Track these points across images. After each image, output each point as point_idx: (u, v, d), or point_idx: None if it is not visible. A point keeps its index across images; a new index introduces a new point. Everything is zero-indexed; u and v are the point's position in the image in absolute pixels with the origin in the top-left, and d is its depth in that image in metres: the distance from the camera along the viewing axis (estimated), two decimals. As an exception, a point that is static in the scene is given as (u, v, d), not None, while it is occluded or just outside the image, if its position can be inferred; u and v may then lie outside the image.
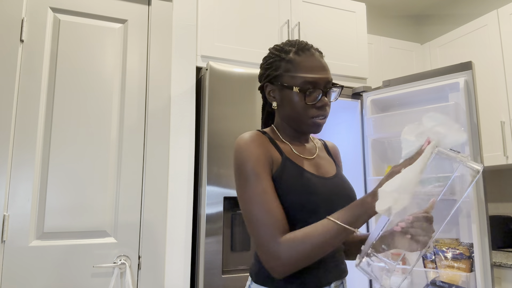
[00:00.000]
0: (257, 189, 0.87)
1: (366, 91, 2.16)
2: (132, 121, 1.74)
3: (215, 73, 1.79)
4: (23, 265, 1.50)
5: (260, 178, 0.88)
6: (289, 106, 0.97)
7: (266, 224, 0.84)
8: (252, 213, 0.86)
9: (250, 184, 0.88)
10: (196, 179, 1.86)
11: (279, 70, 0.98)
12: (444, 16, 3.33)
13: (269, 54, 1.03)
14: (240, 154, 0.91)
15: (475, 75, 1.99)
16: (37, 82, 1.61)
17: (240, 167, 0.90)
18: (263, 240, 0.84)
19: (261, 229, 0.85)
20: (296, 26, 2.19)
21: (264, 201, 0.86)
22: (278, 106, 1.01)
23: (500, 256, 2.23)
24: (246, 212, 0.88)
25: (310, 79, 0.95)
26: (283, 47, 1.00)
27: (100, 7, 1.76)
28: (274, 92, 1.01)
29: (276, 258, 0.83)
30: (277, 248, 0.83)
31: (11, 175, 1.53)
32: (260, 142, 0.93)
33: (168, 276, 1.69)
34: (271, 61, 1.01)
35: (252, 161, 0.89)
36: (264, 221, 0.85)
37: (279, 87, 0.98)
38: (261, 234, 0.85)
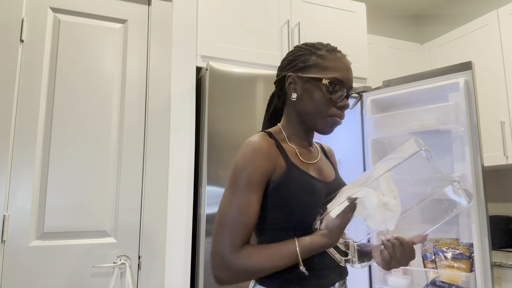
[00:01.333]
0: (243, 197, 0.86)
1: (366, 91, 2.16)
2: (132, 121, 1.74)
3: (215, 73, 1.79)
4: (23, 265, 1.50)
5: (250, 189, 0.87)
6: (311, 99, 0.96)
7: (233, 231, 0.84)
8: (226, 216, 0.86)
9: (238, 190, 0.87)
10: (196, 179, 1.86)
11: (308, 62, 0.97)
12: (444, 16, 3.33)
13: (297, 48, 1.01)
14: (241, 158, 0.90)
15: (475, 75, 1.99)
16: (37, 82, 1.61)
17: (236, 171, 0.89)
18: (222, 246, 0.84)
19: (226, 234, 0.84)
20: (296, 26, 2.19)
21: (243, 210, 0.86)
22: (297, 99, 0.99)
23: (500, 256, 2.23)
24: (221, 212, 0.87)
25: (340, 76, 0.95)
26: (315, 44, 1.00)
27: (100, 7, 1.76)
28: (296, 83, 0.98)
29: (225, 267, 0.83)
30: (231, 258, 0.83)
31: (11, 175, 1.53)
32: (265, 151, 0.90)
33: (168, 276, 1.69)
34: (299, 54, 0.99)
35: (249, 170, 0.88)
36: (233, 228, 0.85)
37: (304, 78, 0.97)
38: (223, 238, 0.84)
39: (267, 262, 0.83)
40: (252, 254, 0.84)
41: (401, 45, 3.05)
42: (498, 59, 2.46)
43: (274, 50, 2.12)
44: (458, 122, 1.82)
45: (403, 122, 2.00)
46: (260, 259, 0.83)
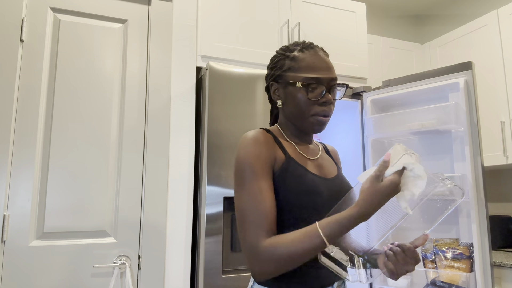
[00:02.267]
0: (252, 187, 0.86)
1: (366, 91, 2.16)
2: (132, 121, 1.74)
3: (215, 73, 1.79)
4: (23, 265, 1.50)
5: (257, 177, 0.87)
6: (292, 103, 0.98)
7: (254, 224, 0.84)
8: (243, 211, 0.86)
9: (246, 182, 0.87)
10: (196, 179, 1.86)
11: (284, 68, 0.99)
12: (444, 16, 3.33)
13: (276, 54, 1.05)
14: (241, 151, 0.90)
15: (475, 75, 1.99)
16: (37, 82, 1.61)
17: (239, 165, 0.89)
18: (248, 241, 0.84)
19: (248, 229, 0.84)
20: (296, 26, 2.19)
21: (257, 201, 0.85)
22: (282, 105, 1.01)
23: (500, 256, 2.23)
24: (238, 209, 0.87)
25: (313, 74, 0.96)
26: (289, 46, 1.02)
27: (100, 7, 1.76)
28: (279, 90, 1.01)
29: (257, 261, 0.83)
30: (259, 251, 0.82)
31: (11, 175, 1.53)
32: (263, 141, 0.91)
33: (168, 276, 1.69)
34: (277, 61, 1.02)
35: (251, 160, 0.88)
36: (252, 221, 0.84)
37: (283, 84, 0.99)
38: (247, 234, 0.84)
39: (293, 247, 0.80)
40: (277, 242, 0.82)
41: (401, 45, 3.05)
42: (498, 59, 2.46)
43: (274, 50, 2.12)
44: (458, 122, 1.82)
45: (403, 122, 2.00)
46: (285, 245, 0.81)
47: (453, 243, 1.79)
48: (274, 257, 0.81)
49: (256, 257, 0.83)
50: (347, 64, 2.31)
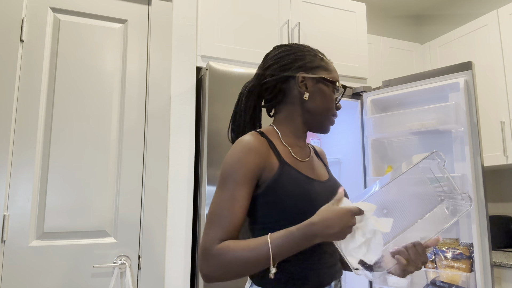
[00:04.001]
0: (228, 193, 0.87)
1: (366, 91, 2.16)
2: (132, 121, 1.74)
3: (215, 73, 1.79)
4: (23, 265, 1.50)
5: (236, 185, 0.87)
6: (321, 98, 1.00)
7: (216, 226, 0.84)
8: (211, 213, 0.87)
9: (224, 187, 0.88)
10: (196, 179, 1.86)
11: (315, 63, 1.00)
12: (444, 16, 3.33)
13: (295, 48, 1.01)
14: (230, 156, 0.90)
15: (475, 75, 1.99)
16: (37, 82, 1.61)
17: (224, 168, 0.90)
18: (204, 241, 0.84)
19: (209, 230, 0.85)
20: (296, 26, 2.19)
21: (227, 206, 0.86)
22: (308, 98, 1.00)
23: (500, 256, 2.23)
24: (211, 205, 0.88)
25: (338, 78, 1.03)
26: (308, 46, 1.04)
27: (100, 7, 1.76)
28: (307, 83, 1.00)
29: (206, 262, 0.83)
30: (210, 253, 0.83)
31: (11, 175, 1.53)
32: (255, 149, 0.90)
33: (168, 276, 1.69)
34: (302, 55, 1.00)
35: (236, 166, 0.88)
36: (216, 223, 0.85)
37: (316, 79, 1.00)
38: (206, 234, 0.85)
39: (240, 254, 0.81)
40: (228, 247, 0.82)
41: (401, 45, 3.05)
42: (498, 59, 2.46)
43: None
44: (458, 122, 1.82)
45: (403, 122, 2.00)
46: (234, 251, 0.81)
47: (453, 243, 1.79)
48: (222, 261, 0.82)
49: (206, 258, 0.83)
50: (347, 64, 2.31)
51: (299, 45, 1.03)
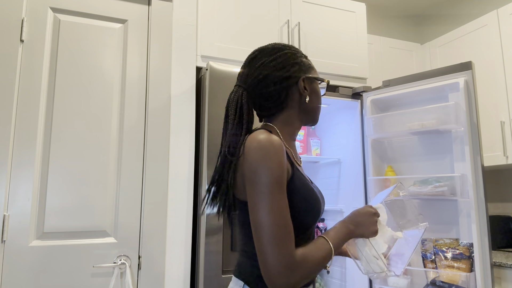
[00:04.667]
0: (279, 202, 0.84)
1: (366, 91, 2.16)
2: (132, 121, 1.74)
3: (215, 73, 1.79)
4: (23, 265, 1.50)
5: (282, 191, 0.85)
6: (316, 97, 1.06)
7: (285, 237, 0.82)
8: (273, 224, 0.82)
9: (272, 194, 0.83)
10: (196, 179, 1.86)
11: (307, 66, 1.04)
12: (444, 16, 3.33)
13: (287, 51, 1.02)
14: (266, 157, 0.85)
15: (475, 75, 1.99)
16: (37, 82, 1.61)
17: (266, 171, 0.84)
18: (283, 254, 0.81)
19: (282, 243, 0.82)
20: (296, 26, 2.19)
21: (284, 216, 0.83)
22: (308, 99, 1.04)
23: (500, 256, 2.23)
24: (264, 220, 0.82)
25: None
26: (294, 47, 1.05)
27: (100, 7, 1.76)
28: (306, 86, 1.03)
29: (293, 272, 0.82)
30: (296, 262, 0.82)
31: (11, 175, 1.53)
32: (283, 148, 0.87)
33: (168, 276, 1.69)
34: (296, 58, 1.02)
35: (278, 171, 0.84)
36: (283, 234, 0.82)
37: (311, 79, 1.04)
38: (281, 248, 0.81)
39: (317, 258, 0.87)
40: (305, 254, 0.85)
41: (401, 45, 3.05)
42: (498, 59, 2.46)
43: (274, 50, 2.12)
44: (458, 122, 1.82)
45: (403, 122, 2.00)
46: (312, 256, 0.86)
47: (453, 243, 1.79)
48: (307, 267, 0.84)
49: (292, 271, 0.81)
50: (347, 64, 2.31)
51: (287, 47, 1.02)
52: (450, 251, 1.78)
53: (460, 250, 1.76)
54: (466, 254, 1.74)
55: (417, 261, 1.97)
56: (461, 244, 1.77)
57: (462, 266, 1.74)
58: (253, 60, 1.00)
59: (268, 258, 0.81)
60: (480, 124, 2.37)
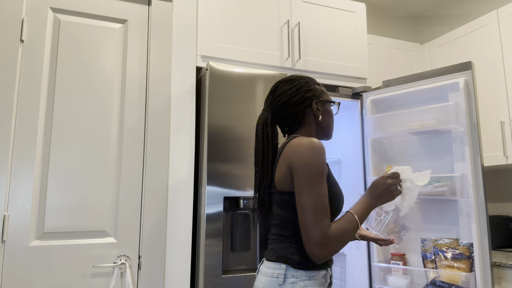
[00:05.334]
0: (322, 188, 1.08)
1: (366, 91, 2.16)
2: (132, 121, 1.74)
3: (215, 73, 1.79)
4: (23, 265, 1.50)
5: (323, 181, 1.09)
6: (329, 116, 1.30)
7: (323, 217, 1.05)
8: (315, 206, 1.06)
9: (318, 183, 1.08)
10: (196, 179, 1.86)
11: (319, 91, 1.28)
12: (444, 16, 3.33)
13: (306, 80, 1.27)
14: (315, 156, 1.09)
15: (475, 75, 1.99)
16: (37, 82, 1.61)
17: (313, 166, 1.09)
18: (320, 229, 1.04)
19: (320, 220, 1.05)
20: (296, 26, 2.19)
21: (324, 199, 1.08)
22: (321, 117, 1.27)
23: (500, 256, 2.23)
24: (308, 204, 1.06)
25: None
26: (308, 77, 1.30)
27: (100, 7, 1.76)
28: (320, 107, 1.27)
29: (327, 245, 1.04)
30: (329, 237, 1.04)
31: (11, 175, 1.53)
32: (325, 150, 1.13)
33: (168, 276, 1.69)
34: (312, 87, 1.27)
35: (322, 165, 1.09)
36: (322, 214, 1.05)
37: (323, 102, 1.28)
38: (319, 224, 1.04)
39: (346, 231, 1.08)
40: (336, 229, 1.07)
41: (401, 45, 3.05)
42: (498, 59, 2.46)
43: (274, 50, 2.12)
44: (458, 122, 1.82)
45: (403, 122, 2.00)
46: (342, 231, 1.07)
47: (453, 243, 1.79)
48: (339, 240, 1.06)
49: (325, 243, 1.04)
50: (347, 64, 2.31)
51: (302, 78, 1.28)
52: (450, 251, 1.78)
53: (460, 250, 1.76)
54: (466, 254, 1.74)
55: (417, 261, 1.98)
56: (461, 244, 1.77)
57: (462, 266, 1.74)
58: (275, 89, 1.26)
59: (311, 231, 1.04)
60: (480, 124, 2.37)
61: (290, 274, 1.11)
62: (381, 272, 2.02)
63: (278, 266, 1.12)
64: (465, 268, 1.74)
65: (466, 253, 1.74)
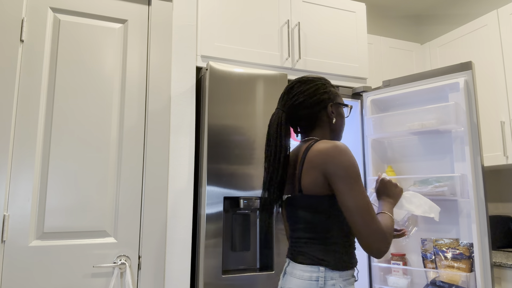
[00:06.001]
0: (363, 187, 1.12)
1: (366, 91, 2.16)
2: (132, 121, 1.74)
3: (215, 73, 1.79)
4: (23, 265, 1.50)
5: (361, 181, 1.13)
6: (341, 118, 1.31)
7: (374, 214, 1.09)
8: (364, 205, 1.09)
9: (358, 183, 1.11)
10: (196, 179, 1.86)
11: (334, 94, 1.29)
12: (444, 16, 3.33)
13: (322, 83, 1.27)
14: (350, 159, 1.13)
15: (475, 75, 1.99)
16: (37, 82, 1.61)
17: (352, 168, 1.12)
18: (376, 226, 1.07)
19: (373, 218, 1.08)
20: (296, 26, 2.19)
21: (367, 197, 1.11)
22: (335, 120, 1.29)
23: (500, 256, 2.23)
24: (357, 204, 1.08)
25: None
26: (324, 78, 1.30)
27: (100, 7, 1.76)
28: (334, 110, 1.28)
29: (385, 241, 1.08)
30: (385, 233, 1.09)
31: (11, 175, 1.53)
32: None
33: (168, 276, 1.69)
34: (329, 90, 1.28)
35: (358, 168, 1.13)
36: (372, 212, 1.08)
37: (337, 105, 1.29)
38: (373, 222, 1.07)
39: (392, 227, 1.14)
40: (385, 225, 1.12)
41: (401, 45, 3.05)
42: (498, 59, 2.46)
43: (274, 50, 2.12)
44: (458, 122, 1.82)
45: (403, 122, 2.00)
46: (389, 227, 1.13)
47: (453, 243, 1.79)
48: (390, 235, 1.10)
49: (384, 238, 1.08)
50: (347, 64, 2.31)
51: (319, 79, 1.27)
52: (450, 251, 1.78)
53: (460, 250, 1.76)
54: (466, 254, 1.74)
55: (417, 261, 1.98)
56: (461, 244, 1.77)
57: (462, 266, 1.74)
58: (291, 89, 1.26)
59: (369, 229, 1.07)
60: (480, 124, 2.37)
61: (329, 276, 1.13)
62: (381, 272, 2.02)
63: (315, 269, 1.14)
64: (465, 268, 1.74)
65: (466, 253, 1.74)
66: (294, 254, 1.20)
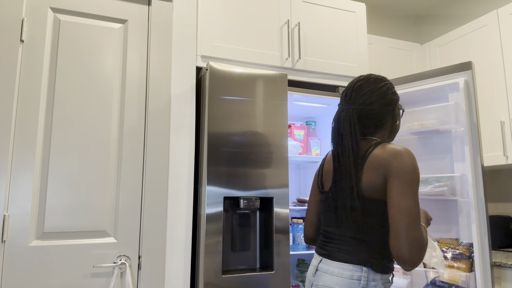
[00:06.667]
0: (417, 197, 1.11)
1: (366, 91, 2.16)
2: (132, 121, 1.74)
3: (215, 73, 1.79)
4: (23, 265, 1.50)
5: (418, 191, 1.13)
6: (399, 121, 1.34)
7: (420, 223, 1.08)
8: (416, 211, 1.08)
9: (415, 191, 1.11)
10: (196, 179, 1.86)
11: (398, 96, 1.31)
12: (444, 16, 3.33)
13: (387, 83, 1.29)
14: (415, 163, 1.14)
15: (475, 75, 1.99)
16: (37, 82, 1.61)
17: (415, 173, 1.12)
18: (419, 235, 1.06)
19: (419, 227, 1.07)
20: (296, 26, 2.19)
21: (419, 207, 1.11)
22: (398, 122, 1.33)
23: (500, 256, 2.23)
24: (408, 208, 1.08)
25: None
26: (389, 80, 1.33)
27: (100, 7, 1.76)
28: (396, 111, 1.31)
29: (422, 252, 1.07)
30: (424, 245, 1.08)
31: (11, 175, 1.53)
32: None
33: (168, 276, 1.69)
34: (394, 91, 1.30)
35: (419, 177, 1.13)
36: (419, 220, 1.08)
37: (398, 107, 1.32)
38: (419, 229, 1.07)
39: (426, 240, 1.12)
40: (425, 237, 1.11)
41: (401, 45, 3.05)
42: (498, 59, 2.46)
43: (274, 50, 2.12)
44: (458, 122, 1.82)
45: (403, 122, 2.00)
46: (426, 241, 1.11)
47: (453, 243, 1.79)
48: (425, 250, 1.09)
49: (422, 248, 1.07)
50: (347, 64, 2.31)
51: (385, 79, 1.29)
52: (450, 251, 1.78)
53: (460, 250, 1.76)
54: (466, 254, 1.74)
55: (417, 261, 1.97)
56: (461, 244, 1.77)
57: (462, 266, 1.74)
58: (360, 87, 1.26)
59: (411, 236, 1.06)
60: (480, 124, 2.37)
61: (371, 277, 1.14)
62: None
63: (358, 269, 1.14)
64: (465, 268, 1.74)
65: (466, 253, 1.74)
66: (332, 251, 1.20)
